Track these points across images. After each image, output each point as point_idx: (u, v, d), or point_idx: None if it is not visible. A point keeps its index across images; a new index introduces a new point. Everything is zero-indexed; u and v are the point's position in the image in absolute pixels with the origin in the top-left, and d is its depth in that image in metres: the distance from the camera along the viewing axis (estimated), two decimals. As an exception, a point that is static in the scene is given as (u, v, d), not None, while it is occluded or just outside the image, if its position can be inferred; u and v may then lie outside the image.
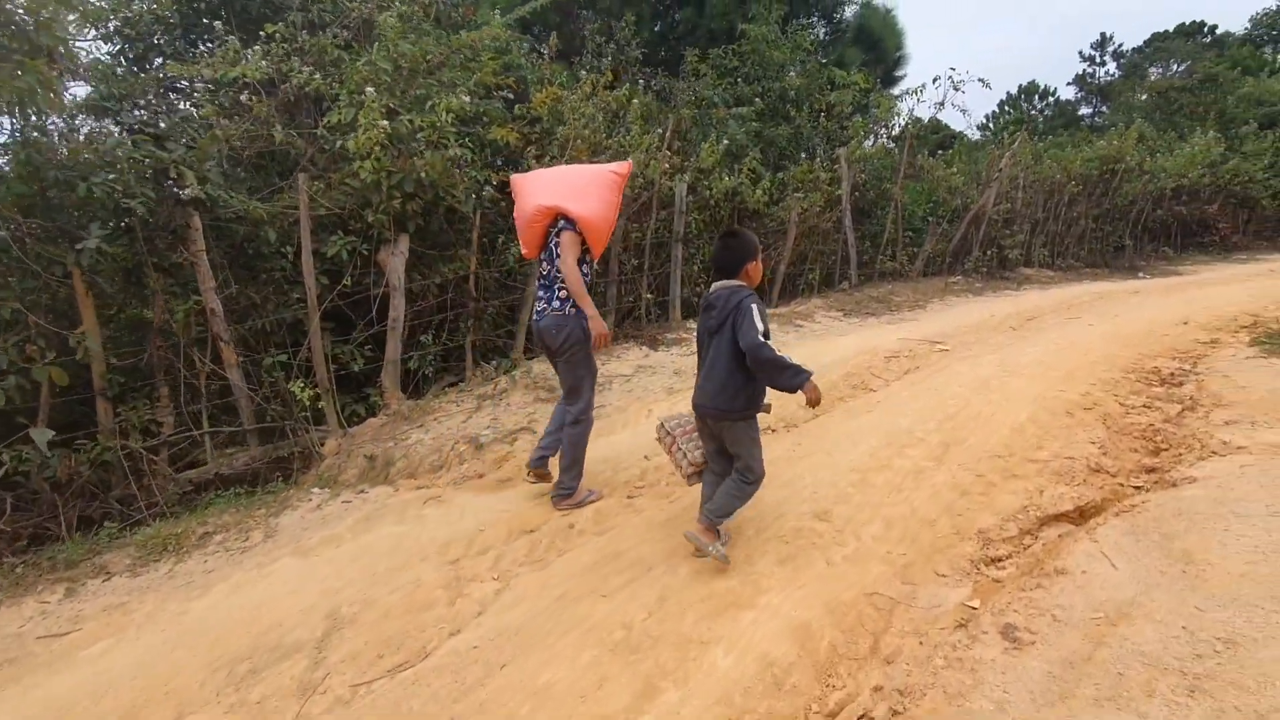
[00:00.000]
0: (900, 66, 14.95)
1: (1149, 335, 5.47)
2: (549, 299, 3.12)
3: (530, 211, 3.09)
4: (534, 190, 3.14)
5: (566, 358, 3.13)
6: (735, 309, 2.40)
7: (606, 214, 3.13)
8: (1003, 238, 10.70)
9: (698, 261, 7.26)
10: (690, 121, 8.06)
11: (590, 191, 3.09)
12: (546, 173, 3.44)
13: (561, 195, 3.05)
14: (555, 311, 3.08)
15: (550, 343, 3.13)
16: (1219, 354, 4.60)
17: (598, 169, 3.26)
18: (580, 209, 3.01)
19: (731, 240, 2.58)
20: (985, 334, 6.00)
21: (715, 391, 2.51)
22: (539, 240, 3.19)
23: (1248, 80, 19.02)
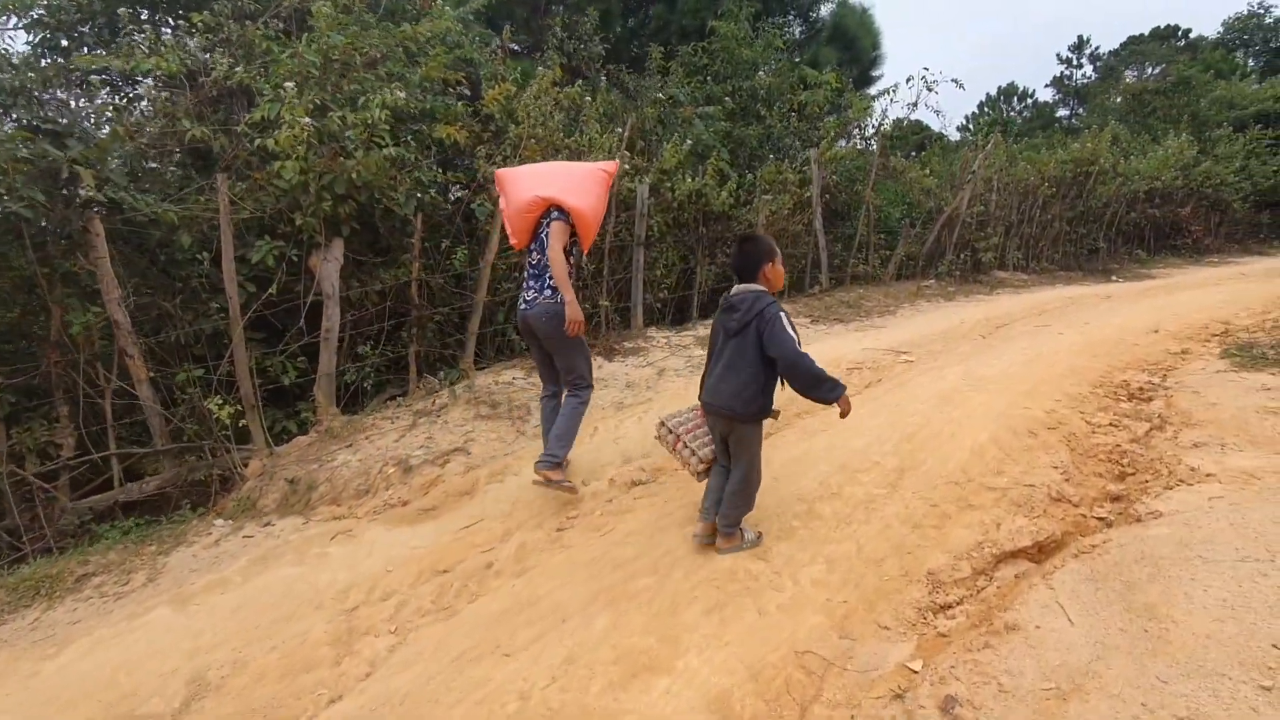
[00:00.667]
0: (877, 66, 14.81)
1: (1119, 345, 5.29)
2: (539, 288, 3.19)
3: (525, 201, 3.19)
4: (527, 182, 3.25)
5: (559, 343, 3.21)
6: (760, 316, 2.45)
7: (598, 209, 3.29)
8: (977, 240, 10.55)
9: (660, 266, 6.99)
10: (654, 120, 7.79)
11: (585, 186, 3.22)
12: (537, 166, 3.55)
13: (558, 188, 3.16)
14: (546, 300, 3.15)
15: (541, 330, 3.21)
16: (1189, 366, 4.41)
17: (589, 166, 3.38)
18: (576, 202, 3.15)
19: (748, 245, 2.64)
20: (953, 342, 5.80)
21: (732, 394, 2.54)
22: (530, 230, 3.30)
23: (1219, 84, 19.14)
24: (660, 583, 2.54)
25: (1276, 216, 16.61)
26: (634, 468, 3.68)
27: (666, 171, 6.99)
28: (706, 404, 2.69)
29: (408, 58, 6.00)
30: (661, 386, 4.88)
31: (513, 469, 3.77)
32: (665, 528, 2.98)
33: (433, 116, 5.87)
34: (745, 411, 2.53)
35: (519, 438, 4.19)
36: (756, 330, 2.45)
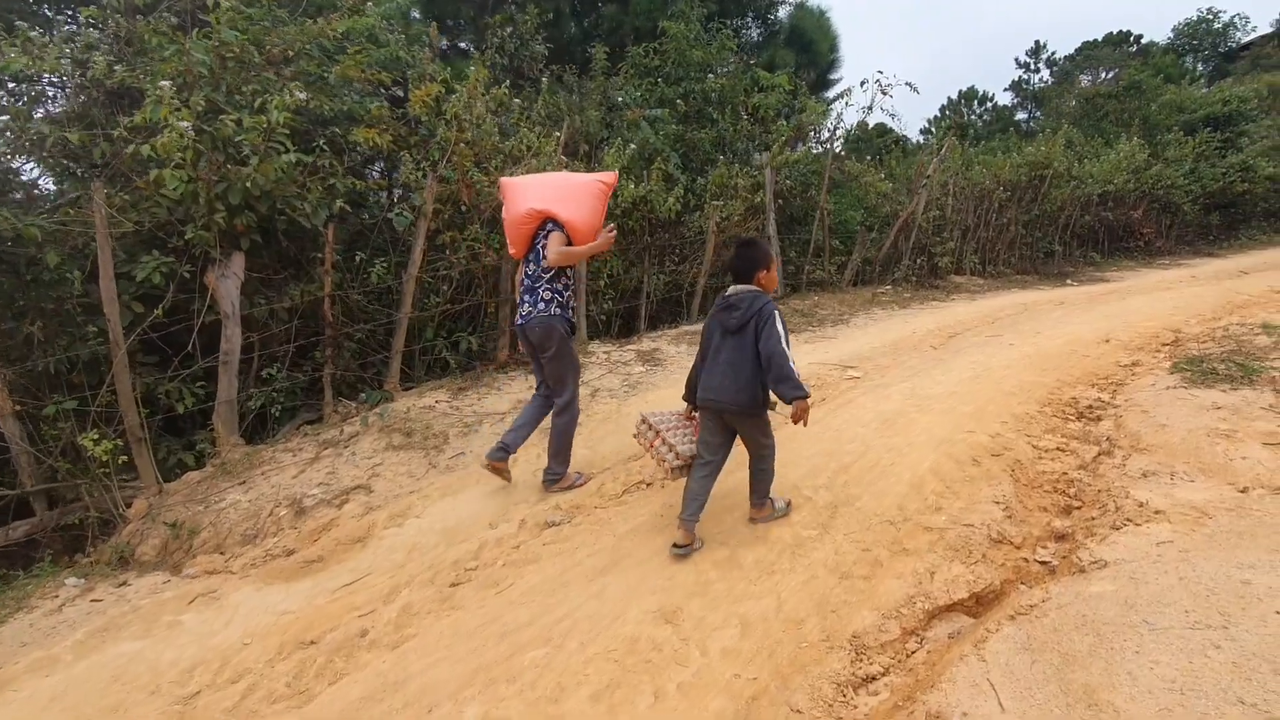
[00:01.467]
0: (834, 69, 14.72)
1: (1069, 357, 5.12)
2: (533, 301, 3.27)
3: (521, 214, 3.25)
4: (525, 194, 3.29)
5: (552, 355, 3.28)
6: (758, 314, 2.58)
7: (593, 221, 3.31)
8: (933, 245, 10.46)
9: (604, 276, 6.67)
10: (598, 124, 7.48)
11: (580, 199, 3.26)
12: (538, 178, 3.58)
13: (552, 200, 3.22)
14: (540, 313, 3.23)
15: (536, 342, 3.28)
16: (1139, 382, 4.24)
17: (587, 178, 3.41)
18: (569, 214, 3.20)
19: (747, 249, 2.75)
20: (903, 354, 5.58)
21: (738, 389, 2.63)
22: (527, 241, 3.35)
23: (1169, 88, 19.54)
24: (550, 656, 2.21)
25: (1225, 218, 16.93)
26: (549, 506, 3.34)
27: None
28: (708, 402, 2.73)
29: (326, 57, 5.59)
30: (593, 409, 4.56)
31: (415, 509, 3.41)
32: (570, 581, 2.65)
33: (352, 119, 5.48)
34: (754, 404, 2.64)
35: (429, 471, 3.83)
36: (755, 327, 2.56)
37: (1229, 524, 2.41)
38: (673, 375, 5.24)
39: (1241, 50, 45.00)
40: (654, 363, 5.57)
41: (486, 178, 5.75)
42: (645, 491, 3.42)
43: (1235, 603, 1.91)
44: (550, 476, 3.49)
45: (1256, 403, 3.54)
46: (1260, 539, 2.24)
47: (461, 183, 5.43)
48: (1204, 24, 47.79)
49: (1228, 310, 6.98)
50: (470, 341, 5.66)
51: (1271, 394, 3.64)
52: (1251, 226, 17.41)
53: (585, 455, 3.92)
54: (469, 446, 4.08)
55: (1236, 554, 2.17)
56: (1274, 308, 7.05)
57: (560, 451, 3.47)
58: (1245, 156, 16.79)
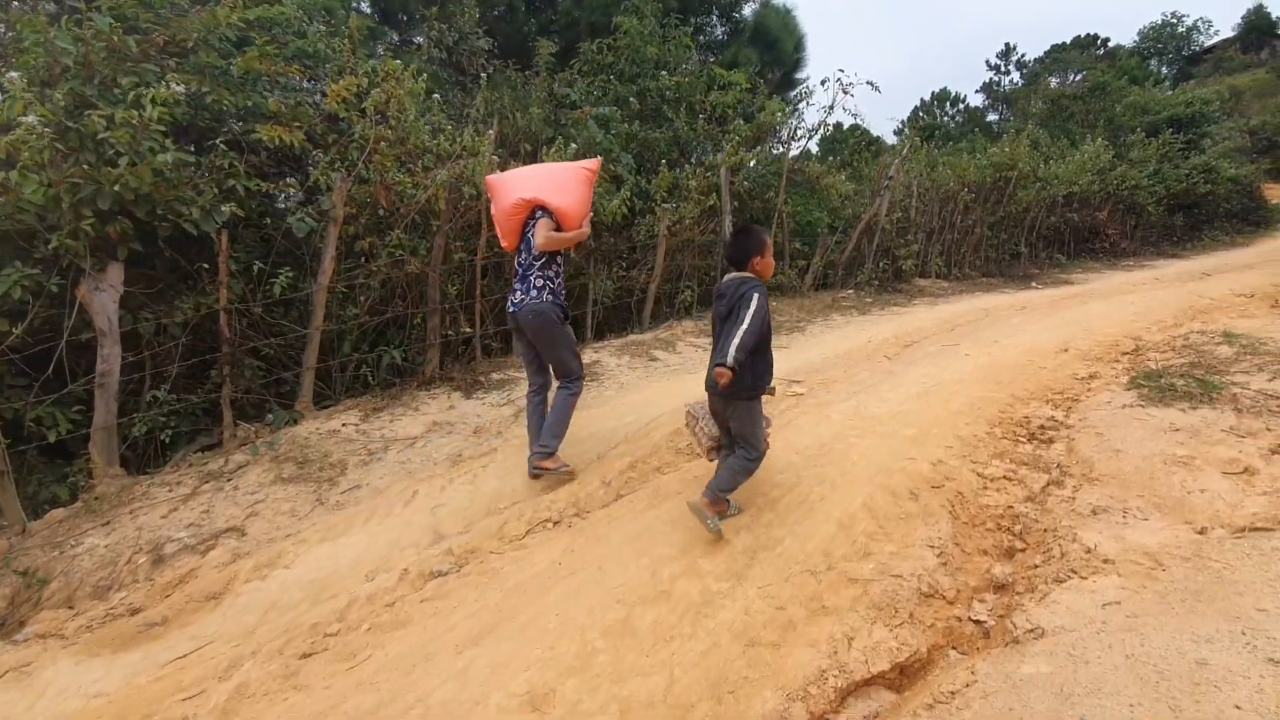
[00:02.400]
0: (800, 69, 14.48)
1: (1025, 368, 4.86)
2: (525, 289, 3.32)
3: (510, 204, 3.31)
4: (513, 186, 3.35)
5: (546, 340, 3.35)
6: (740, 299, 2.57)
7: (581, 208, 3.40)
8: (897, 248, 10.23)
9: (546, 283, 6.27)
10: (541, 122, 7.09)
11: (567, 186, 3.32)
12: (523, 170, 3.60)
13: (540, 189, 3.28)
14: (532, 300, 3.27)
15: (528, 328, 3.33)
16: (1095, 398, 3.97)
17: (572, 166, 3.48)
18: (558, 201, 3.28)
19: (740, 237, 2.78)
20: (854, 366, 5.28)
21: None
22: (518, 231, 3.42)
23: (1133, 89, 19.67)
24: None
25: (1189, 219, 17.03)
26: (440, 551, 2.96)
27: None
28: (708, 387, 2.82)
29: (235, 48, 5.14)
30: (513, 434, 4.17)
31: (287, 557, 3.00)
32: (435, 653, 2.27)
33: (261, 115, 5.03)
34: (739, 387, 2.58)
35: (315, 509, 3.42)
36: (739, 312, 2.55)
37: (1184, 578, 2.10)
38: (607, 393, 4.88)
39: (1204, 53, 46.12)
40: (589, 379, 5.20)
41: (410, 179, 5.34)
42: (550, 532, 3.05)
43: (1189, 692, 1.60)
44: (540, 450, 3.41)
45: (1216, 424, 3.28)
46: (1218, 601, 1.94)
47: (379, 184, 5.02)
48: (1168, 28, 48.95)
49: (1189, 315, 6.81)
50: (394, 356, 5.24)
51: (1232, 414, 3.37)
52: (1214, 227, 17.54)
53: (494, 486, 3.54)
54: (367, 478, 3.67)
55: (1192, 621, 1.86)
56: (1235, 312, 6.89)
57: (556, 425, 3.43)
58: (1208, 158, 16.92)
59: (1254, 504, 2.58)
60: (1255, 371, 3.98)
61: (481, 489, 3.51)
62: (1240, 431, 3.18)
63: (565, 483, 3.47)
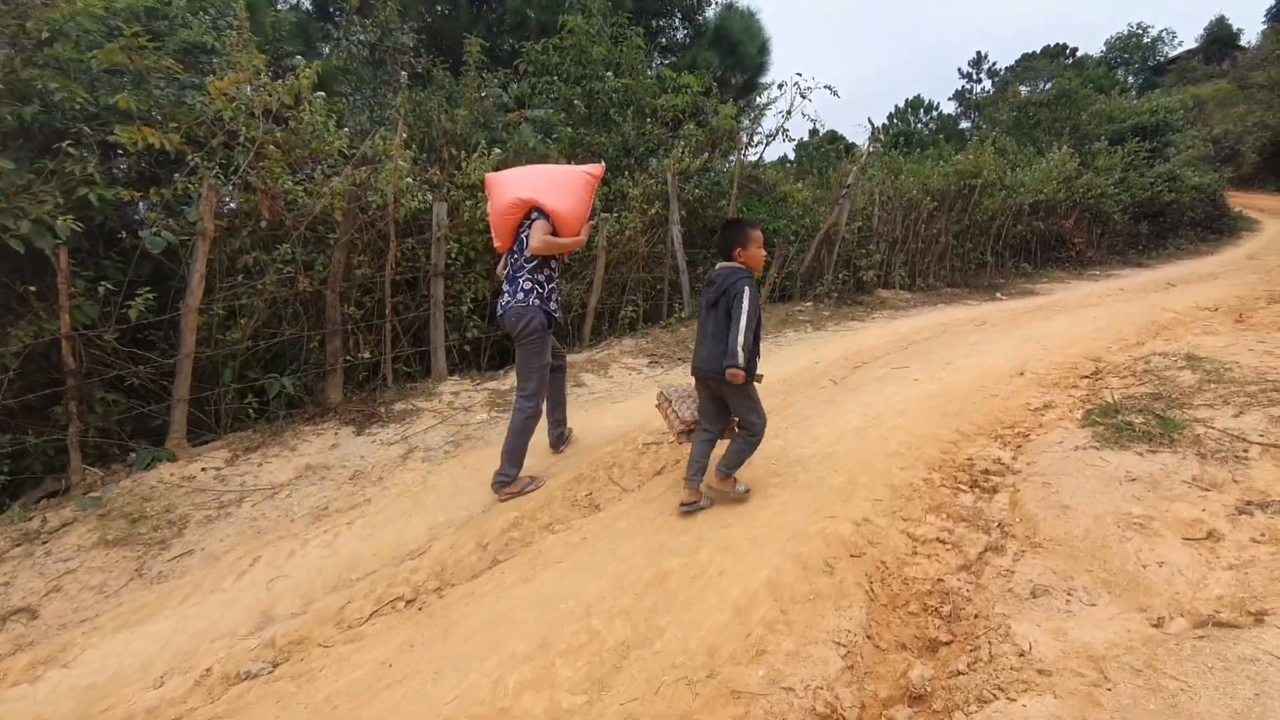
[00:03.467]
0: (763, 73, 14.09)
1: (975, 396, 4.45)
2: (513, 291, 3.29)
3: (506, 204, 3.24)
4: (510, 185, 3.29)
5: (524, 344, 3.28)
6: (727, 291, 2.76)
7: (579, 212, 3.32)
8: (858, 258, 9.86)
9: (468, 299, 5.77)
10: (469, 124, 6.59)
11: (566, 189, 3.26)
12: (522, 169, 3.56)
13: (537, 190, 3.22)
14: (518, 303, 3.25)
15: (511, 329, 3.29)
16: (1047, 436, 3.56)
17: (573, 169, 3.45)
18: (555, 203, 3.21)
19: (728, 229, 2.93)
20: (795, 393, 4.84)
21: (716, 358, 2.77)
22: (511, 232, 3.36)
23: (1099, 97, 19.66)
24: None
25: (1154, 227, 16.99)
26: (259, 643, 2.43)
27: (473, 187, 5.80)
28: (695, 370, 2.96)
29: (105, 38, 4.57)
30: (396, 479, 3.66)
31: (73, 649, 2.46)
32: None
33: (127, 115, 4.46)
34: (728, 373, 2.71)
35: (131, 582, 2.87)
36: (726, 303, 2.74)
37: (1132, 703, 1.66)
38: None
39: (1169, 64, 46.95)
40: (503, 407, 4.70)
41: (301, 187, 4.81)
42: (398, 615, 2.54)
43: None
44: (501, 478, 3.35)
45: (1177, 473, 2.87)
46: (1175, 748, 1.50)
47: (262, 193, 4.48)
48: (1134, 38, 49.84)
49: (1153, 332, 6.49)
50: (284, 384, 4.69)
51: (1195, 459, 2.97)
52: (1179, 236, 17.54)
53: (354, 550, 3.02)
54: (205, 540, 3.13)
55: (1140, 782, 1.41)
56: (1199, 328, 6.60)
57: (514, 451, 3.35)
58: (1173, 166, 16.91)
59: (1218, 582, 2.16)
60: (1219, 404, 3.60)
61: (338, 553, 2.99)
62: (1204, 483, 2.77)
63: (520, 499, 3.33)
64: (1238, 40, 43.69)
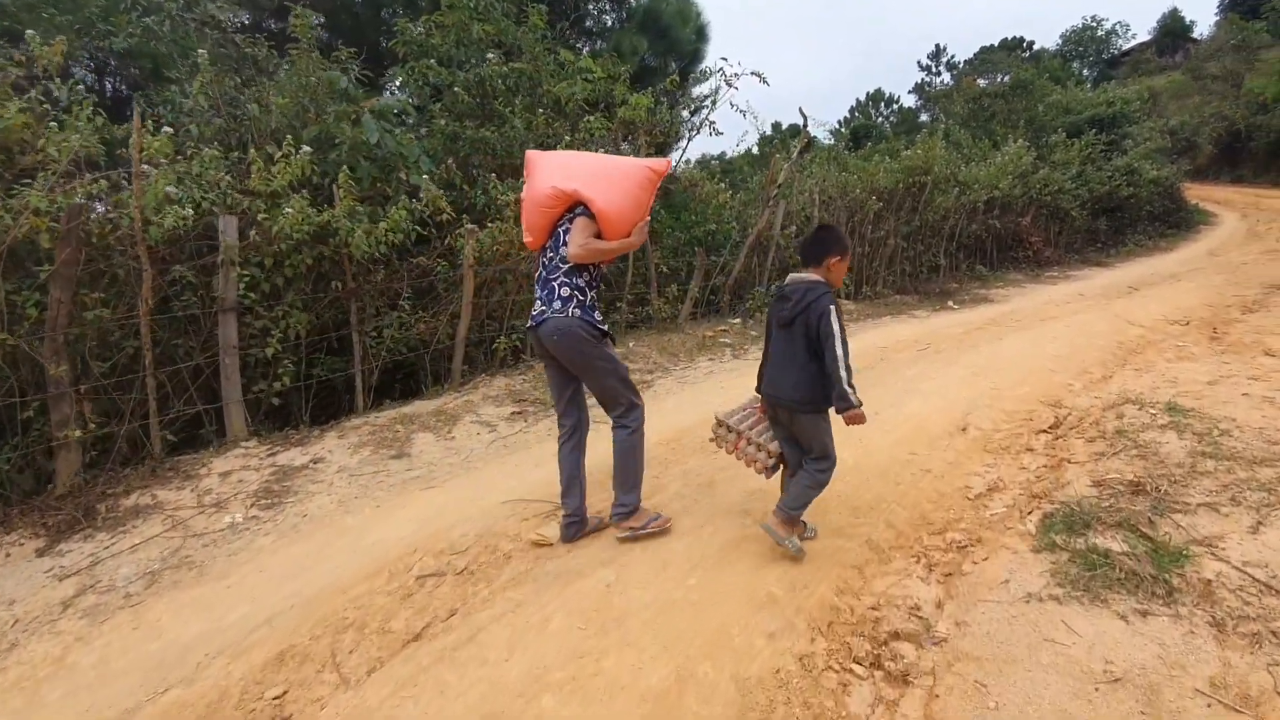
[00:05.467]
0: (699, 61, 12.98)
1: (899, 475, 3.36)
2: (548, 299, 2.69)
3: (545, 194, 2.69)
4: (553, 170, 2.74)
5: (580, 365, 2.69)
6: (808, 310, 2.43)
7: (632, 215, 2.74)
8: (797, 266, 8.77)
9: (276, 339, 4.50)
10: (291, 114, 5.29)
11: (620, 184, 2.70)
12: (572, 154, 3.15)
13: (586, 182, 2.67)
14: (555, 313, 2.64)
15: (552, 348, 2.68)
16: (989, 565, 2.46)
17: (632, 161, 2.85)
18: (603, 199, 2.63)
19: (823, 232, 2.62)
20: (662, 474, 3.69)
21: (792, 385, 2.53)
22: (548, 227, 2.79)
23: (1055, 88, 19.00)
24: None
25: (1112, 222, 16.35)
26: None
27: (275, 195, 4.53)
28: (767, 395, 2.67)
29: None
30: (16, 657, 2.39)
31: None
32: None
33: None
34: (811, 399, 2.48)
35: None
36: (805, 323, 2.43)
37: None
38: (257, 540, 3.12)
39: (1123, 56, 47.25)
40: (280, 498, 3.46)
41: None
42: None
43: None
44: (619, 510, 2.85)
45: (1185, 665, 1.78)
46: None
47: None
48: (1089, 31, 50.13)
49: (1120, 359, 5.52)
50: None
51: (1209, 632, 1.89)
52: (1138, 231, 16.93)
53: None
54: None
55: None
56: (1172, 351, 5.66)
57: (629, 477, 2.83)
58: (1130, 159, 16.27)
59: None
60: (1227, 503, 2.54)
61: None
62: (1230, 692, 1.68)
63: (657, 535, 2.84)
64: (1190, 32, 44.06)
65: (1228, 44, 29.35)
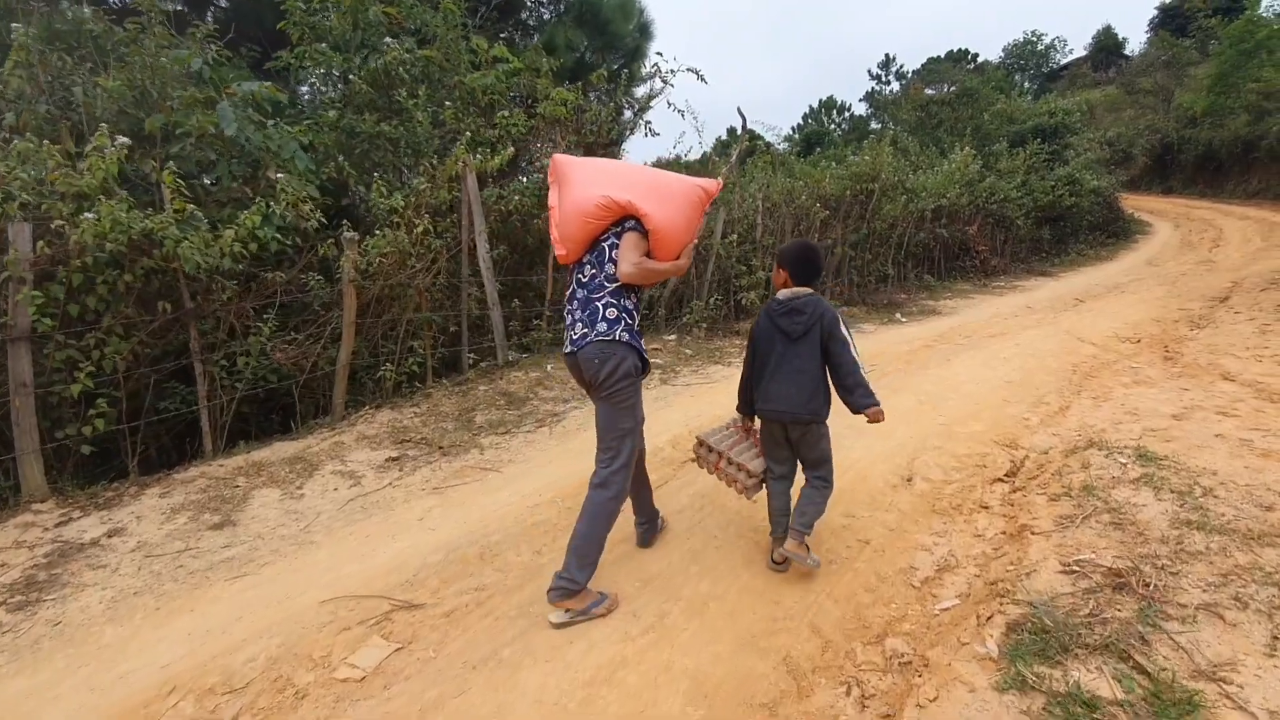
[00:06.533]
0: (641, 58, 12.33)
1: (836, 544, 2.75)
2: (590, 320, 2.38)
3: (594, 203, 2.39)
4: (601, 179, 2.47)
5: (609, 395, 2.38)
6: (821, 318, 2.47)
7: (684, 237, 2.54)
8: (739, 276, 8.23)
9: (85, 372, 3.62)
10: (122, 100, 4.40)
11: (675, 202, 2.48)
12: (613, 162, 2.95)
13: (642, 195, 2.43)
14: (601, 337, 2.34)
15: (592, 376, 2.38)
16: (938, 678, 1.85)
17: (683, 179, 2.61)
18: (662, 218, 2.41)
19: (813, 254, 2.59)
20: (545, 540, 2.99)
21: (807, 398, 2.49)
22: (587, 241, 2.48)
23: (1000, 97, 19.11)
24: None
25: (1055, 232, 16.44)
26: None
27: (80, 196, 3.66)
28: (773, 411, 2.56)
29: None
30: None
31: None
32: None
33: None
34: (822, 413, 2.51)
35: None
36: (820, 333, 2.46)
37: None
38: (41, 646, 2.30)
39: (1061, 70, 48.86)
40: (42, 593, 2.63)
41: None
42: None
43: None
44: (561, 584, 2.34)
45: None
46: None
47: None
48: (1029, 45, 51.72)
49: (1075, 385, 5.08)
50: None
51: None
52: (1079, 240, 17.10)
53: None
54: None
55: None
56: (1128, 375, 5.27)
57: (586, 548, 2.37)
58: (1072, 169, 16.38)
59: None
60: (1233, 607, 2.00)
61: None
62: None
63: None
64: (1123, 49, 45.77)
65: (1159, 60, 30.41)
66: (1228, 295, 9.14)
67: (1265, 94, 21.94)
